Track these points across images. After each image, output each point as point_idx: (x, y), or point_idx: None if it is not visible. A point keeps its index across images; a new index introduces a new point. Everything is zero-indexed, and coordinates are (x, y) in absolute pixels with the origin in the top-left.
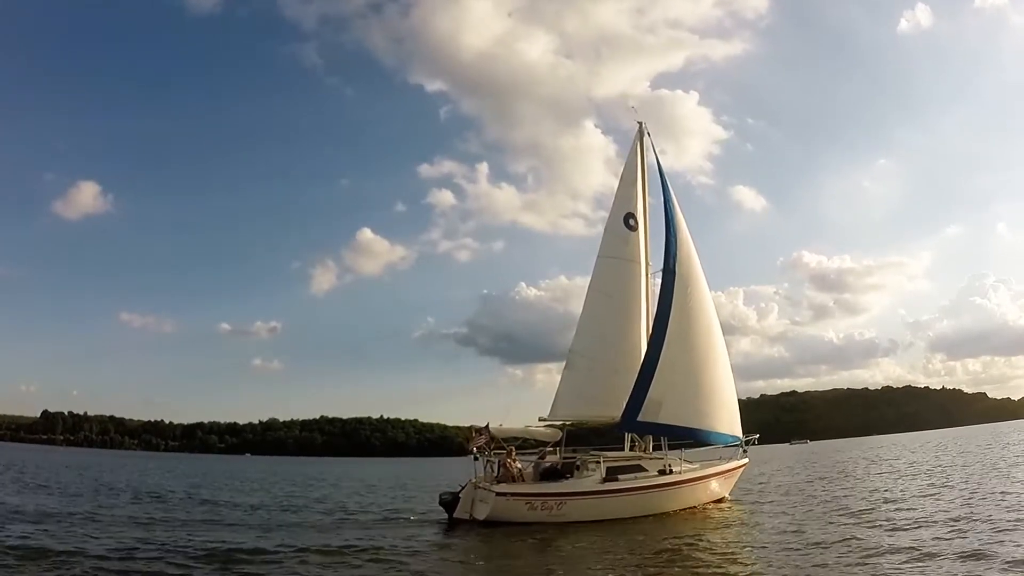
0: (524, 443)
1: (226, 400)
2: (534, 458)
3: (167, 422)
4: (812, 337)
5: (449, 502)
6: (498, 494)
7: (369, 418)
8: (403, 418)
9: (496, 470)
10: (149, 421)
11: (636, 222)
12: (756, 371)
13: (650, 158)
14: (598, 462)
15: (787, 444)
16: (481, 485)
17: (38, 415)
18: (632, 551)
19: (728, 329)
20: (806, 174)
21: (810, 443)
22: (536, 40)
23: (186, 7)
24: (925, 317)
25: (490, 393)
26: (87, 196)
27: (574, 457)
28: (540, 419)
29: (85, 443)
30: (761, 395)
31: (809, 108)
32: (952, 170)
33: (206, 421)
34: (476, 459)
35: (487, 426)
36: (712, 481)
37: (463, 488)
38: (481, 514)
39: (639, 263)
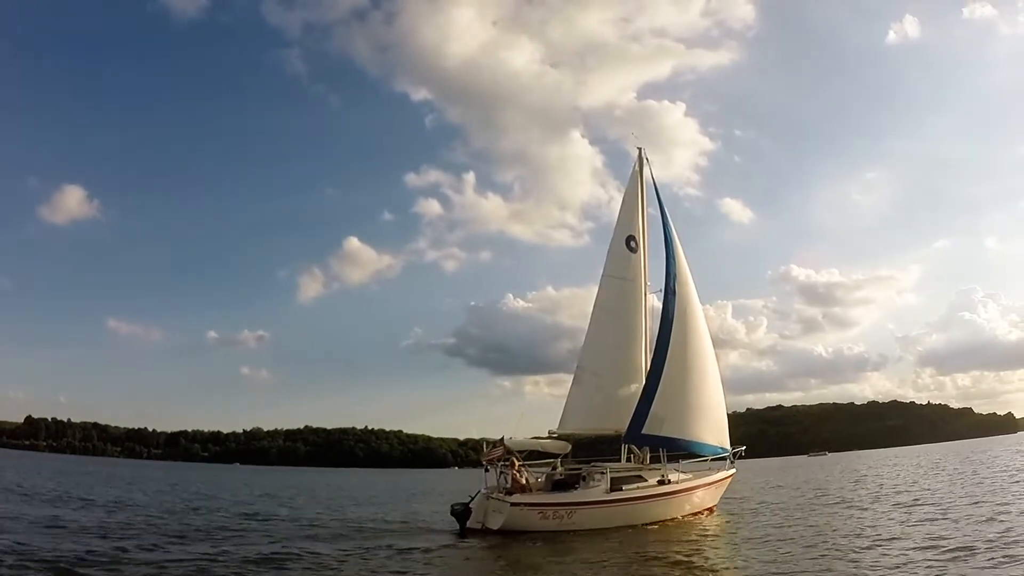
0: (531, 455)
1: (213, 408)
2: (541, 469)
3: (150, 430)
4: (801, 351)
5: (461, 512)
6: (512, 504)
7: (354, 428)
8: (388, 429)
9: (508, 481)
10: (132, 429)
11: (637, 244)
12: (745, 385)
13: (648, 182)
14: (603, 473)
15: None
16: (494, 496)
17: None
18: (640, 555)
19: (717, 342)
20: (794, 186)
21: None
22: (521, 48)
23: (170, 13)
24: (914, 332)
25: (481, 404)
26: (72, 201)
27: (579, 468)
28: (550, 432)
29: (68, 449)
30: (747, 409)
31: (797, 119)
32: (941, 181)
33: (189, 429)
34: (487, 470)
35: (502, 439)
36: (705, 491)
37: (473, 499)
38: (495, 524)
39: (639, 283)
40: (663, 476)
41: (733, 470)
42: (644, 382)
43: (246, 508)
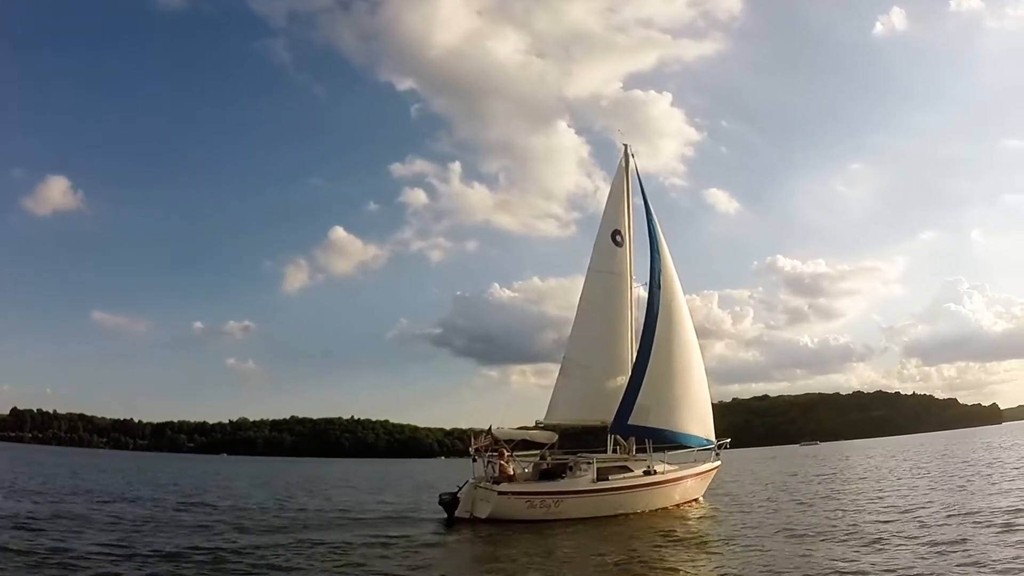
0: (518, 444)
1: (200, 399)
2: (529, 459)
3: (136, 421)
4: (787, 341)
5: (449, 502)
6: (500, 493)
7: (340, 418)
8: (374, 419)
9: (495, 470)
10: (118, 420)
11: (622, 238)
12: (731, 375)
13: (634, 176)
14: (589, 463)
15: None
16: (482, 485)
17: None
18: (627, 545)
19: (703, 333)
20: (780, 177)
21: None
22: (506, 38)
23: (154, 3)
24: (900, 323)
25: (468, 394)
26: (56, 192)
27: (566, 459)
28: (537, 422)
29: (54, 441)
30: (733, 399)
31: (783, 111)
32: (928, 174)
33: (175, 420)
34: (475, 460)
35: (490, 428)
36: (691, 481)
37: (461, 488)
38: (483, 513)
39: (625, 276)
40: (649, 467)
41: (718, 462)
42: (630, 374)
43: (213, 499)
